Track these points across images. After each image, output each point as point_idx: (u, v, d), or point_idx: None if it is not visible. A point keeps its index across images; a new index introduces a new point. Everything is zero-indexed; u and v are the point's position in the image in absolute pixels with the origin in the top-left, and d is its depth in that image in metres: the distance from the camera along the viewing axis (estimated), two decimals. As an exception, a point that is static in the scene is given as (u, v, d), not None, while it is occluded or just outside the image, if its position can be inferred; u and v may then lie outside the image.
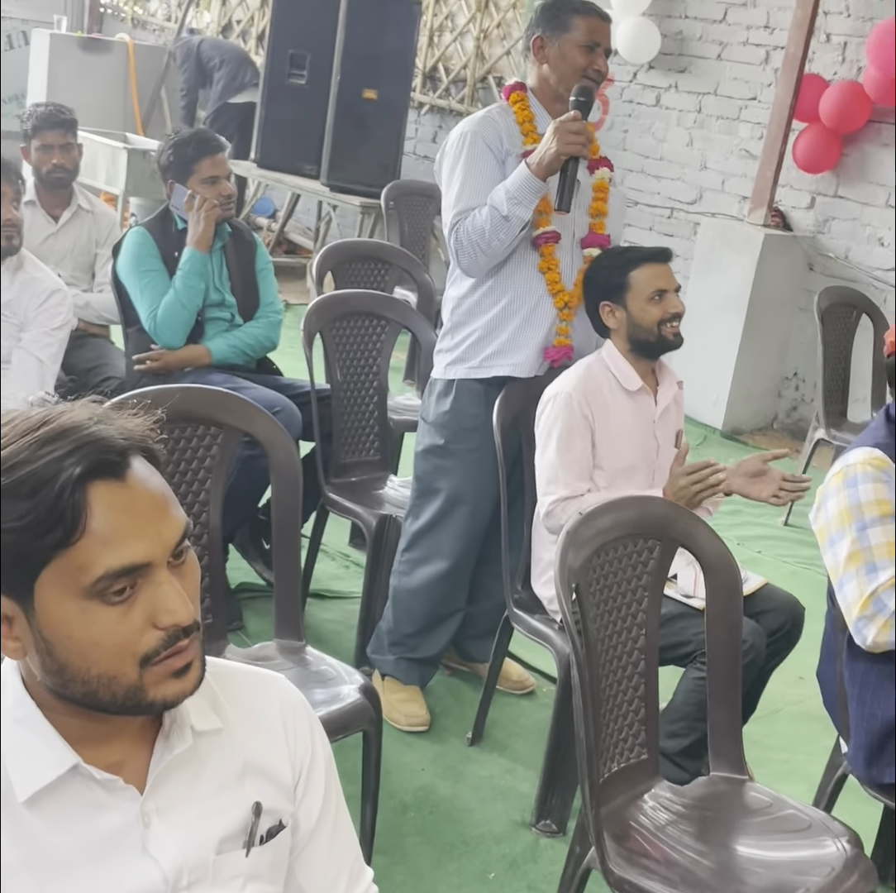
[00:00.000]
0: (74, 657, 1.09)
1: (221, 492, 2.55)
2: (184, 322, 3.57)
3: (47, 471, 1.06)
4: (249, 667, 1.35)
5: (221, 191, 3.60)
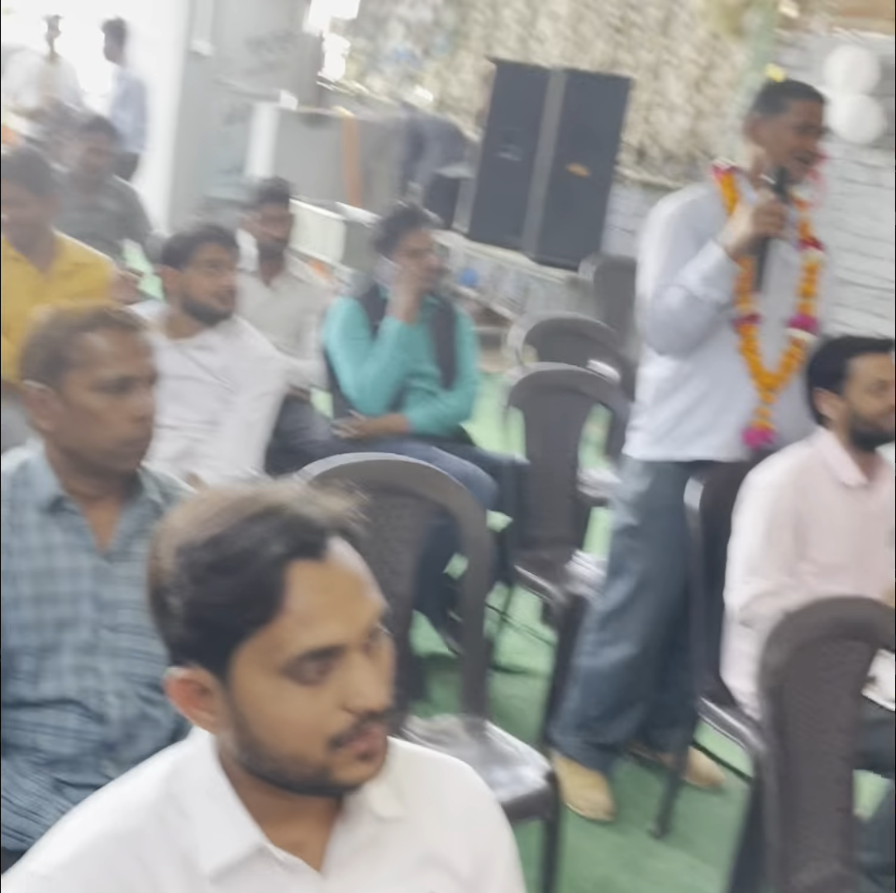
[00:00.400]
0: (266, 733, 1.10)
1: (413, 562, 2.57)
2: (385, 391, 3.64)
3: (251, 549, 1.08)
4: (434, 753, 1.33)
5: (426, 264, 3.66)
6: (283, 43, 10.72)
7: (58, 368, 1.87)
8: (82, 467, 1.89)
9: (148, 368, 1.93)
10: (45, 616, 1.85)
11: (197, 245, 3.32)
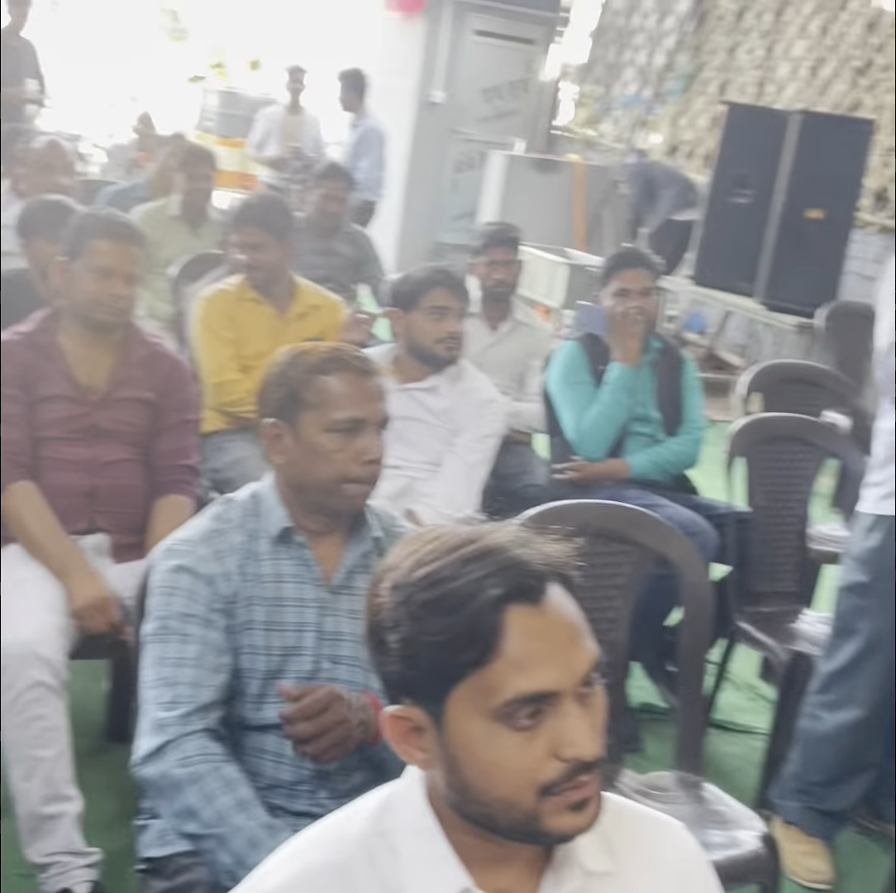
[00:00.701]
0: (477, 776, 1.10)
1: (629, 610, 2.53)
2: (607, 436, 3.62)
3: (468, 590, 1.08)
4: (646, 809, 1.29)
5: (640, 304, 3.63)
6: (517, 91, 10.90)
7: (294, 407, 1.94)
8: (309, 503, 1.96)
9: (379, 412, 1.98)
10: (272, 643, 1.91)
11: (425, 290, 3.38)
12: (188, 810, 1.75)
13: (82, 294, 2.77)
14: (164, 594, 1.88)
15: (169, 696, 1.82)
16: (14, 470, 2.70)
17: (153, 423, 2.88)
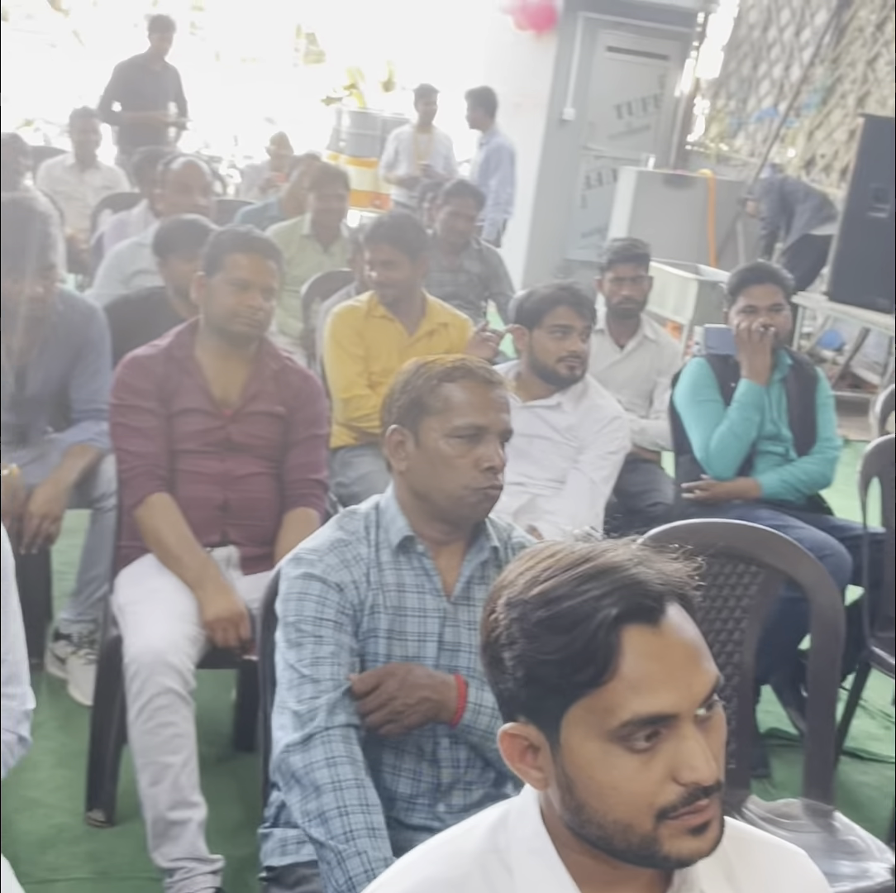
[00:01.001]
0: (593, 798, 1.08)
1: (757, 633, 2.48)
2: (736, 454, 3.55)
3: (585, 609, 1.07)
4: (769, 837, 1.26)
5: (768, 320, 3.55)
6: (649, 106, 10.83)
7: (417, 413, 1.96)
8: (430, 511, 1.98)
9: (502, 422, 1.99)
10: (394, 651, 1.94)
11: (548, 308, 3.35)
12: (321, 814, 1.77)
13: (221, 307, 2.84)
14: (296, 600, 1.91)
15: (311, 691, 1.84)
16: (152, 482, 2.77)
17: (284, 437, 2.93)
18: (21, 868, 2.53)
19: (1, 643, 1.83)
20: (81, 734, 2.90)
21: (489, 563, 2.00)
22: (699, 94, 11.18)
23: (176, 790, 2.44)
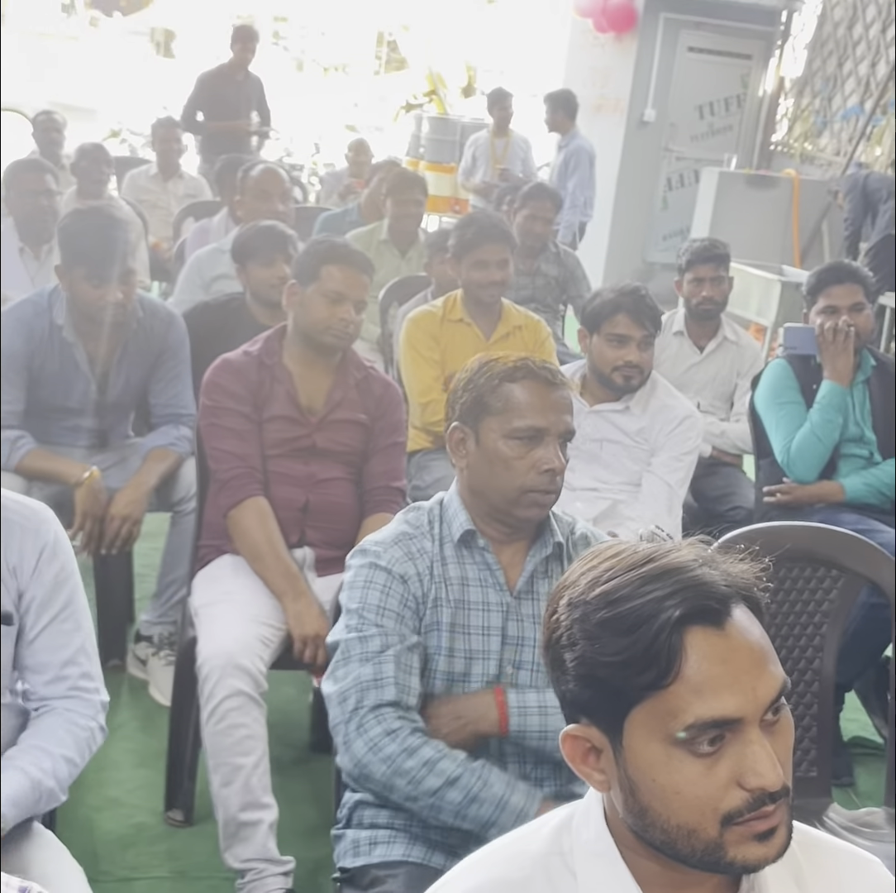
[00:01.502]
0: (656, 802, 1.07)
1: (838, 638, 2.43)
2: (818, 457, 3.48)
3: (647, 610, 1.05)
4: (842, 843, 1.23)
5: (849, 321, 3.47)
6: (731, 106, 10.71)
7: (478, 411, 1.97)
8: (487, 509, 1.98)
9: (563, 424, 1.98)
10: (456, 645, 1.94)
11: (608, 315, 3.27)
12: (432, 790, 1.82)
13: (313, 318, 2.86)
14: (361, 588, 1.93)
15: (371, 680, 1.85)
16: (251, 485, 2.80)
17: (365, 444, 2.95)
18: (102, 867, 2.58)
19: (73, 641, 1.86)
20: (161, 734, 2.93)
21: (553, 558, 2.00)
22: (783, 93, 11.02)
23: (247, 791, 2.45)
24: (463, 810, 1.82)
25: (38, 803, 1.75)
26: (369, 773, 1.84)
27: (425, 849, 1.88)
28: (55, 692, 1.84)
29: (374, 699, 1.84)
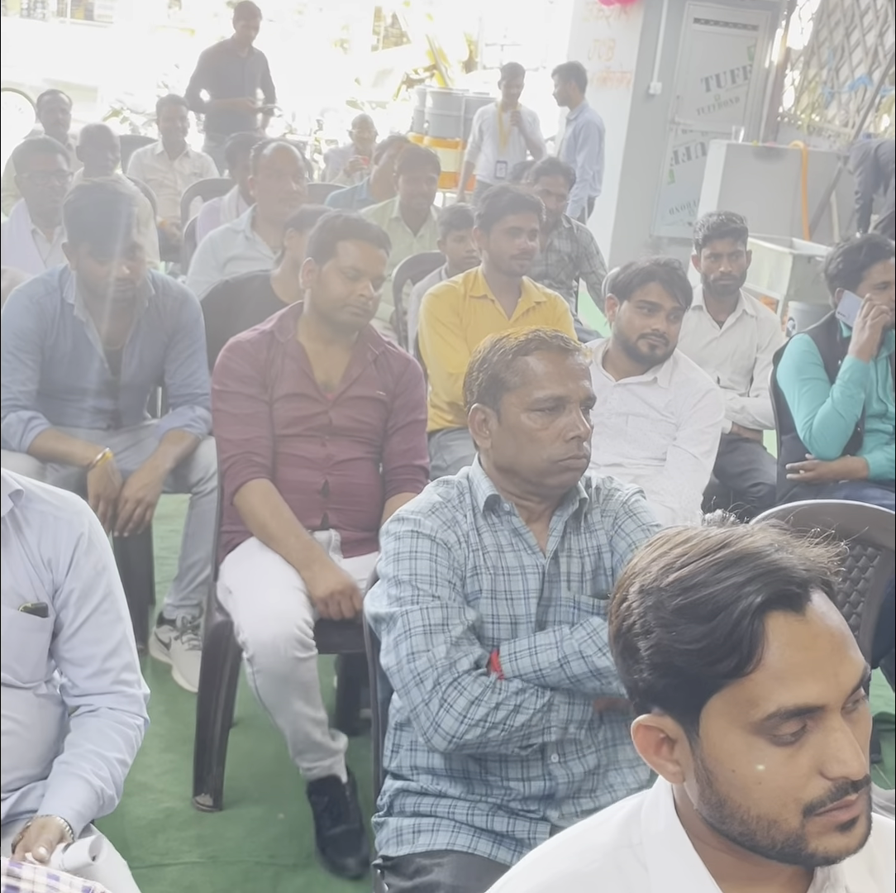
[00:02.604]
0: (735, 792, 1.04)
1: (874, 617, 2.41)
2: (840, 432, 3.45)
3: (726, 596, 1.03)
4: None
5: (891, 296, 3.45)
6: (738, 78, 10.62)
7: (496, 390, 1.95)
8: (518, 483, 1.97)
9: (582, 390, 1.96)
10: (499, 611, 1.93)
11: (640, 282, 3.27)
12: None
13: (331, 295, 2.83)
14: (409, 558, 1.91)
15: (455, 653, 1.85)
16: (248, 469, 2.78)
17: (384, 422, 2.92)
18: (132, 853, 2.57)
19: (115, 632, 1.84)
20: (187, 718, 2.92)
21: (578, 512, 2.00)
22: (789, 64, 10.93)
23: (310, 720, 2.56)
24: (545, 716, 1.86)
25: (101, 810, 1.76)
26: (465, 742, 1.83)
27: (470, 837, 1.86)
28: (99, 686, 1.82)
29: (451, 674, 1.83)
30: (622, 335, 3.32)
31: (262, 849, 2.64)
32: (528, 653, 1.88)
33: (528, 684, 1.86)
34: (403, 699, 1.88)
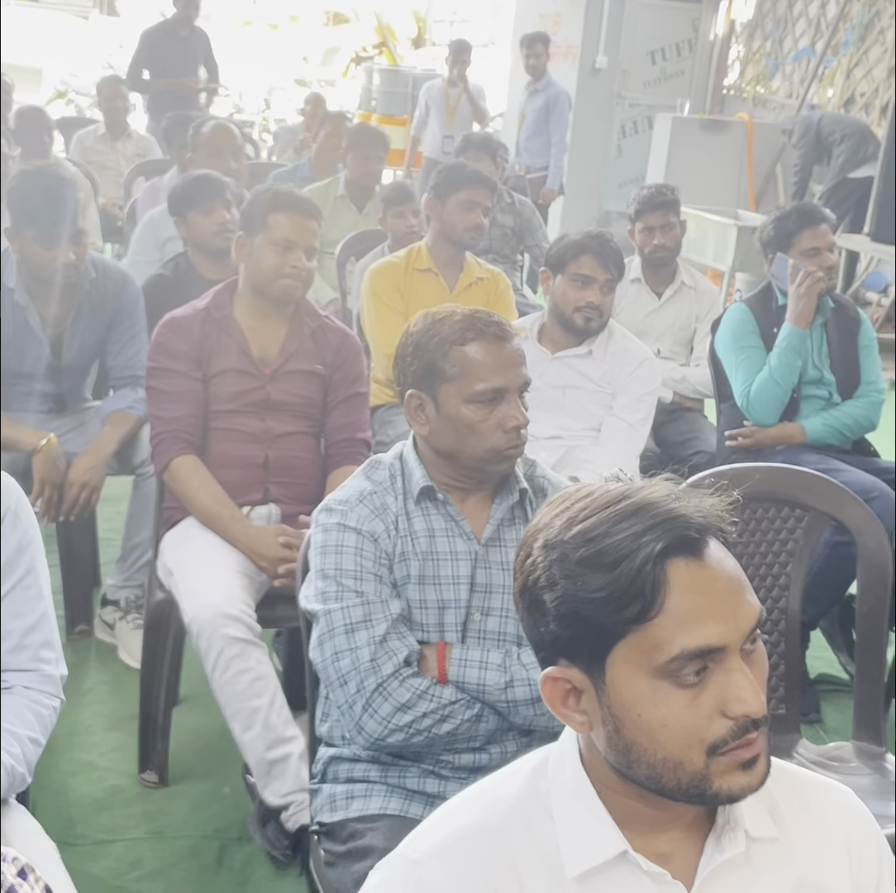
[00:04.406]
0: (642, 737, 1.07)
1: (803, 577, 2.45)
2: (777, 400, 3.50)
3: (628, 545, 1.05)
4: (814, 775, 1.25)
5: (822, 263, 3.49)
6: (683, 52, 10.66)
7: (433, 378, 1.95)
8: (455, 467, 1.97)
9: (520, 377, 1.97)
10: (427, 596, 1.94)
11: (573, 255, 3.29)
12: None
13: (264, 268, 2.82)
14: (334, 553, 1.91)
15: (365, 641, 1.85)
16: (175, 447, 2.78)
17: (323, 396, 2.92)
18: (77, 830, 2.58)
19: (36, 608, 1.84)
20: (132, 697, 2.93)
21: (518, 504, 2.01)
22: (734, 36, 10.98)
23: (268, 730, 2.47)
24: (473, 726, 1.88)
25: (10, 789, 1.74)
26: (388, 744, 1.86)
27: (402, 801, 1.89)
28: (16, 662, 1.81)
29: (376, 678, 1.84)
30: (557, 309, 3.34)
31: (207, 823, 2.65)
32: (477, 666, 1.89)
33: (462, 695, 1.87)
34: (330, 695, 1.90)
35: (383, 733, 1.83)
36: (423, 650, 1.91)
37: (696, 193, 7.78)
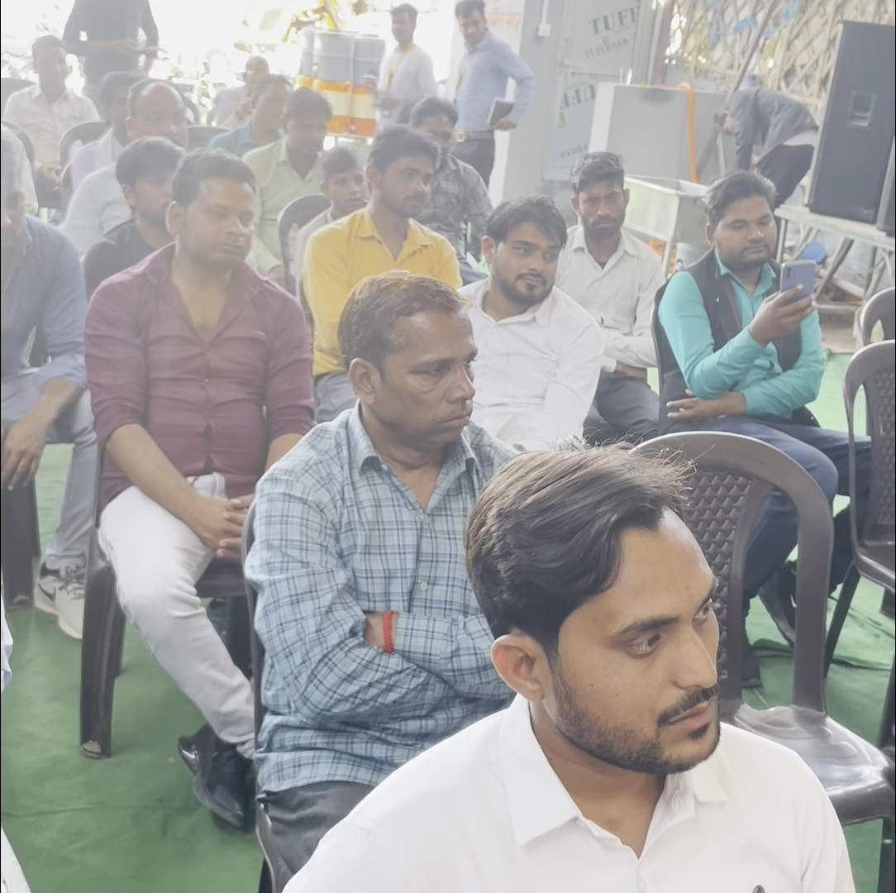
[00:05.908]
0: (594, 706, 1.08)
1: (745, 545, 2.47)
2: (722, 386, 3.46)
3: (583, 515, 1.05)
4: (762, 740, 1.26)
5: (747, 234, 3.49)
6: (626, 20, 10.65)
7: (378, 348, 1.93)
8: (400, 438, 1.97)
9: (466, 347, 1.96)
10: (373, 565, 1.93)
11: (515, 223, 3.28)
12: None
13: (199, 236, 2.78)
14: (280, 523, 1.90)
15: (311, 612, 1.85)
16: (119, 415, 2.75)
17: (265, 363, 2.89)
18: (19, 801, 2.55)
19: None
20: (73, 667, 2.90)
21: (465, 474, 2.01)
22: (676, 6, 10.99)
23: (218, 687, 2.52)
24: (419, 694, 1.88)
25: None
26: (333, 715, 1.86)
27: (350, 767, 1.89)
28: None
29: (321, 649, 1.83)
30: (500, 277, 3.34)
31: (151, 793, 2.64)
32: (424, 635, 1.89)
33: (408, 664, 1.87)
34: (276, 666, 1.89)
35: (329, 703, 1.83)
36: (370, 620, 1.91)
37: (638, 162, 7.80)
